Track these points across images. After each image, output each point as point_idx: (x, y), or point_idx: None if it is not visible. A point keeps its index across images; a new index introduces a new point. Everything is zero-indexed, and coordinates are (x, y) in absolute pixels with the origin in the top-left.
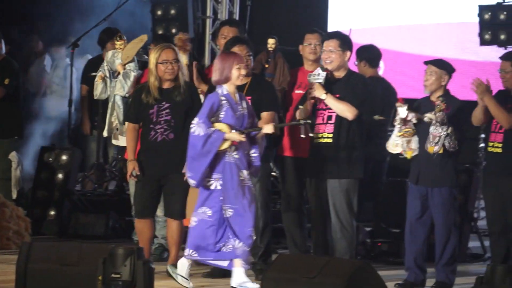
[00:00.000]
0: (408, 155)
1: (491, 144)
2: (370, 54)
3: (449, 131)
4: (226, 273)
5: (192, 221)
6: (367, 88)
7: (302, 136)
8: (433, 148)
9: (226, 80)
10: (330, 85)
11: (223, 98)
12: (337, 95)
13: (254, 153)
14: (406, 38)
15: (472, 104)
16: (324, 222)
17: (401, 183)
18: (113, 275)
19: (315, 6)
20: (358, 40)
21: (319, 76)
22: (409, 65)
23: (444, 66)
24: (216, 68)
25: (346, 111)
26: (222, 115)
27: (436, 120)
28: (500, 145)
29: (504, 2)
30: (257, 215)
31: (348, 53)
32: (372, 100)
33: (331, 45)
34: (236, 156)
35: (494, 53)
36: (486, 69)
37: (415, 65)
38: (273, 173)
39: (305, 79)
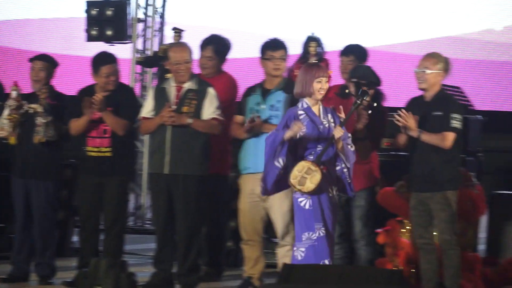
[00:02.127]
0: (12, 140)
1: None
2: None
3: (49, 119)
4: None
5: (298, 254)
6: None
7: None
8: (37, 137)
9: (308, 93)
10: None
11: (301, 112)
12: None
13: (337, 166)
14: (12, 33)
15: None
16: None
17: (5, 178)
18: None
19: None
20: None
21: None
22: (15, 60)
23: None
24: (298, 80)
25: None
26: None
27: (39, 110)
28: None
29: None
30: None
31: None
32: None
33: None
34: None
35: (101, 49)
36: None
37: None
38: None
39: None
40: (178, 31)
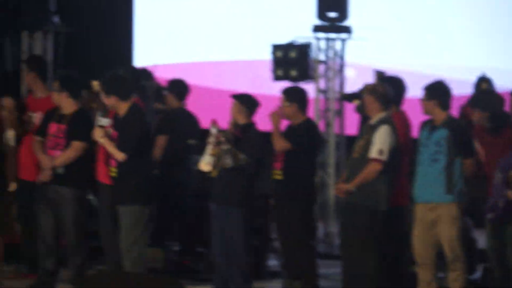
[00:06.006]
0: (214, 173)
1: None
2: (179, 88)
3: (226, 148)
4: None
5: None
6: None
7: None
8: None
9: None
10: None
11: None
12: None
13: None
14: (206, 73)
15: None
16: None
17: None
18: None
19: (121, 41)
20: (163, 75)
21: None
22: (208, 99)
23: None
24: None
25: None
26: None
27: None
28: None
29: (295, 42)
30: None
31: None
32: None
33: None
34: None
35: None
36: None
37: (214, 98)
38: None
39: None
40: (380, 74)
